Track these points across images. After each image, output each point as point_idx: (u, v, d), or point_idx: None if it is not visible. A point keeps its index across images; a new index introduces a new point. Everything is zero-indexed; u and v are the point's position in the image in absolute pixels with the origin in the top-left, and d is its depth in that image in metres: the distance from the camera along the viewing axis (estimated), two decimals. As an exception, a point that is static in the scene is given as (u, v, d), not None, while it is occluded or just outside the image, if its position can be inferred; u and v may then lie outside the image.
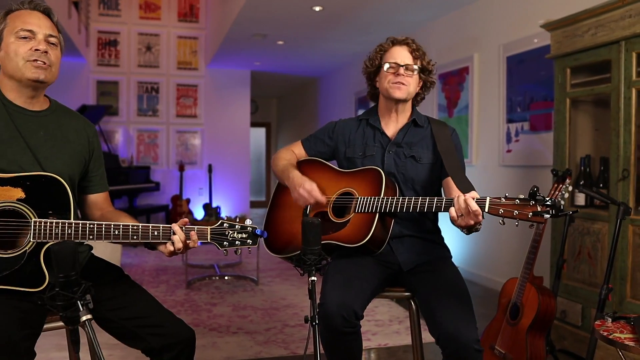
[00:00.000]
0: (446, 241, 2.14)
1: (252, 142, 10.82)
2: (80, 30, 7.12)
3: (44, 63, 1.60)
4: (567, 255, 2.97)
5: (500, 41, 4.59)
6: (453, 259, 2.10)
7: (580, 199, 2.98)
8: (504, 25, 4.59)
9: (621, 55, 2.61)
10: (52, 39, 1.64)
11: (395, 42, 2.05)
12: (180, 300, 4.23)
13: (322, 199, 1.96)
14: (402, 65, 2.00)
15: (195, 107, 8.54)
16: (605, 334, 1.62)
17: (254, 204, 10.47)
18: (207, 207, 8.23)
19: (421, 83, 2.09)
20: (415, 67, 2.02)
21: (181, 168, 8.32)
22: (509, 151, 4.49)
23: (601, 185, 2.87)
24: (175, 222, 1.61)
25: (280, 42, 6.72)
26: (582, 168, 2.97)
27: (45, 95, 1.74)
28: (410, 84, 2.02)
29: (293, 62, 8.08)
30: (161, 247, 1.61)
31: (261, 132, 12.63)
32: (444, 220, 2.12)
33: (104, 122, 7.83)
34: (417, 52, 2.03)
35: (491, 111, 4.75)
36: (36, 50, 1.59)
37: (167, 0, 8.26)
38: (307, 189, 1.96)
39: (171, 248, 1.58)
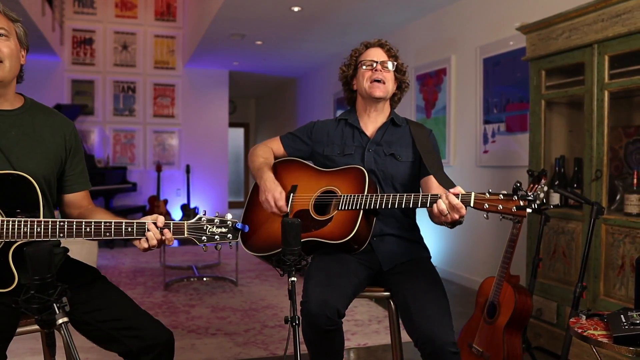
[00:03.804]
0: (425, 240, 2.16)
1: (230, 142, 10.74)
2: (54, 28, 7.00)
3: None
4: (542, 254, 3.02)
5: (477, 43, 4.65)
6: (431, 259, 2.12)
7: (555, 198, 3.03)
8: (480, 28, 4.65)
9: (594, 58, 2.66)
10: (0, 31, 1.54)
11: (369, 45, 2.13)
12: (158, 302, 4.18)
13: (285, 210, 1.98)
14: (378, 62, 2.07)
15: (173, 107, 8.47)
16: (579, 331, 1.65)
17: (232, 205, 10.42)
18: (185, 207, 8.17)
19: (397, 83, 2.14)
20: (391, 64, 2.09)
21: (158, 168, 8.23)
22: (485, 152, 4.54)
23: (575, 185, 2.93)
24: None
25: (259, 42, 6.70)
26: (557, 168, 3.02)
27: (19, 93, 1.68)
28: (388, 81, 2.08)
29: (272, 63, 8.06)
30: (135, 242, 1.58)
31: (239, 132, 12.56)
32: (423, 218, 2.14)
33: (79, 122, 7.71)
34: (391, 51, 2.11)
35: (468, 112, 4.81)
36: None
37: (144, -2, 8.20)
38: (274, 197, 1.97)
39: (145, 245, 1.55)
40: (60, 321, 1.14)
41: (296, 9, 5.19)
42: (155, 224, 1.54)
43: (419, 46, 5.57)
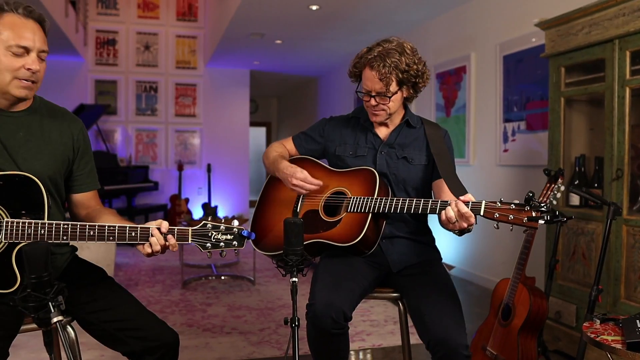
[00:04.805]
0: (442, 241, 2.12)
1: (252, 141, 10.78)
2: (77, 29, 7.11)
3: (33, 82, 1.56)
4: (561, 255, 2.95)
5: (497, 40, 4.57)
6: (450, 259, 2.08)
7: (575, 199, 2.96)
8: (500, 25, 4.57)
9: (615, 54, 2.58)
10: (43, 54, 1.58)
11: (367, 63, 1.91)
12: (176, 300, 4.21)
13: (317, 182, 1.93)
14: (373, 96, 1.92)
15: (194, 107, 8.53)
16: (592, 335, 1.60)
17: (253, 204, 10.45)
18: (206, 206, 8.21)
19: (406, 90, 1.97)
20: (388, 91, 1.90)
21: (180, 167, 8.31)
22: (505, 151, 4.46)
23: (596, 185, 2.85)
24: (174, 222, 1.57)
25: (279, 42, 6.70)
26: (577, 168, 2.94)
27: None
28: (388, 107, 1.95)
29: (292, 62, 8.06)
30: (139, 247, 1.57)
31: (261, 131, 12.61)
32: (436, 221, 2.10)
33: (102, 122, 7.82)
34: (388, 76, 1.87)
35: (488, 110, 4.73)
36: (28, 69, 1.53)
37: (166, -1, 8.28)
38: (300, 177, 1.92)
39: (149, 250, 1.53)
40: (54, 320, 1.14)
41: (314, 7, 5.17)
42: (159, 229, 1.53)
43: (439, 44, 5.50)
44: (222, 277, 5.01)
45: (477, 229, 1.75)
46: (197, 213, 8.37)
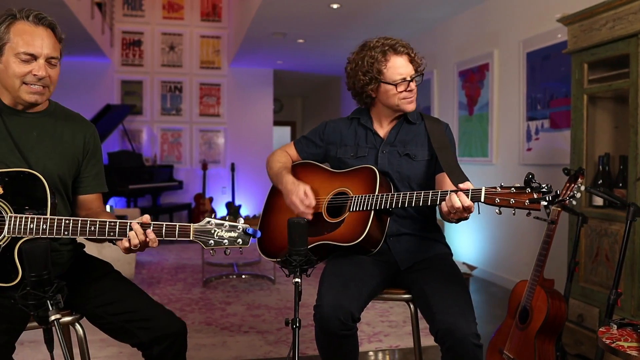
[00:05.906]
0: (464, 241, 2.08)
1: (277, 140, 10.80)
2: (104, 31, 7.23)
3: (42, 87, 1.60)
4: (584, 257, 2.87)
5: (520, 37, 4.47)
6: (472, 259, 2.05)
7: (599, 199, 2.87)
8: (524, 21, 4.47)
9: (639, 49, 2.49)
10: (53, 60, 1.61)
11: (393, 51, 1.94)
12: (196, 298, 4.24)
13: (313, 203, 1.94)
14: (411, 80, 1.94)
15: (219, 106, 8.60)
16: (608, 341, 1.54)
17: (277, 203, 10.48)
18: (229, 205, 8.27)
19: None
20: (419, 75, 1.97)
21: (204, 167, 8.38)
22: (529, 149, 4.37)
23: (620, 185, 2.76)
24: (198, 221, 1.57)
25: (301, 41, 6.70)
26: (601, 167, 2.86)
27: None
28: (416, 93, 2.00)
29: (315, 61, 8.05)
30: (118, 243, 1.56)
31: (286, 131, 12.62)
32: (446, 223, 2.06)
33: (128, 122, 7.94)
34: (416, 60, 1.97)
35: (511, 109, 4.64)
36: (34, 75, 1.57)
37: (190, 0, 8.34)
38: (300, 197, 1.93)
39: (126, 244, 1.53)
40: (52, 318, 1.15)
41: (335, 6, 5.15)
42: (141, 224, 1.53)
43: (461, 41, 5.42)
44: (243, 276, 5.03)
45: (500, 229, 1.72)
46: (221, 212, 8.44)
